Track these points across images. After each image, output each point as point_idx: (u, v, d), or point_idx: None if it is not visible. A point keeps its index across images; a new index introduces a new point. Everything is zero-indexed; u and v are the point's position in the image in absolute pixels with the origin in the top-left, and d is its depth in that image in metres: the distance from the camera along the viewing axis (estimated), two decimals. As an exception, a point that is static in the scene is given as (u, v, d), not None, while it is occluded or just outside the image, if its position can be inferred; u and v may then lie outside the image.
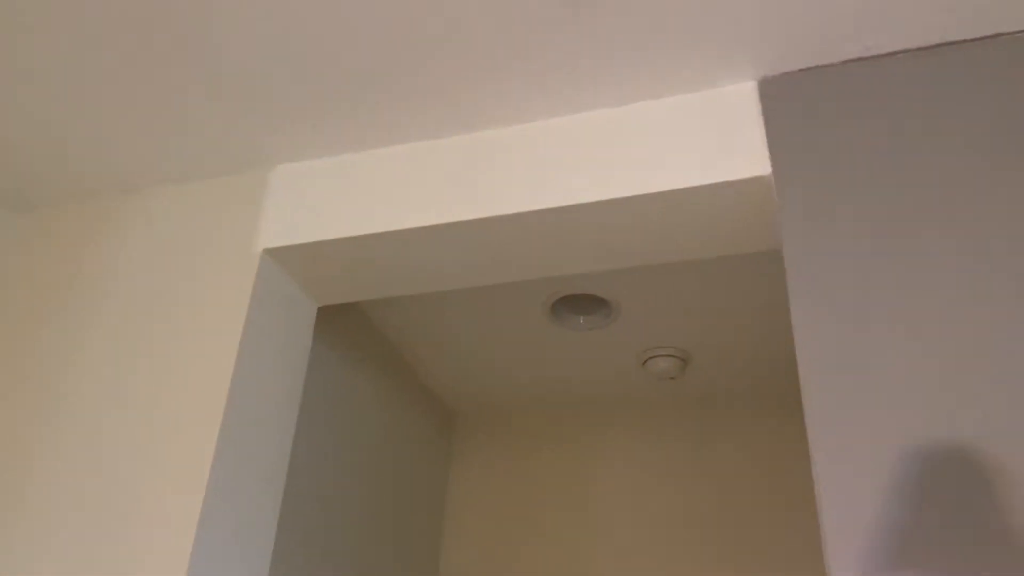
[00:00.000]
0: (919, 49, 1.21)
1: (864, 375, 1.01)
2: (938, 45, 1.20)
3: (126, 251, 1.53)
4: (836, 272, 1.09)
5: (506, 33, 1.22)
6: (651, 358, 2.24)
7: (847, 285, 1.08)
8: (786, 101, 1.24)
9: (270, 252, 1.44)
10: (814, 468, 1.06)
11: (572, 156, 1.34)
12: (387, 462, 2.20)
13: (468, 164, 1.40)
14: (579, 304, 2.06)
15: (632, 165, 1.29)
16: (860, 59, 1.23)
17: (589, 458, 2.52)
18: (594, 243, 1.39)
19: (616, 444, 2.51)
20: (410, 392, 2.42)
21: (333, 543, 1.87)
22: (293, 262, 1.47)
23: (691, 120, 1.29)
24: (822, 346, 1.05)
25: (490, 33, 1.22)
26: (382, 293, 1.59)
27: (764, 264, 1.87)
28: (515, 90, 1.33)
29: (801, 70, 1.26)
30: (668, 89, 1.31)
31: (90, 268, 1.53)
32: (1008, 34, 1.18)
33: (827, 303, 1.07)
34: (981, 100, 1.15)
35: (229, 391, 1.29)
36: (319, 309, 1.65)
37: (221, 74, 1.33)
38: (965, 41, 1.20)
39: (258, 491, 1.34)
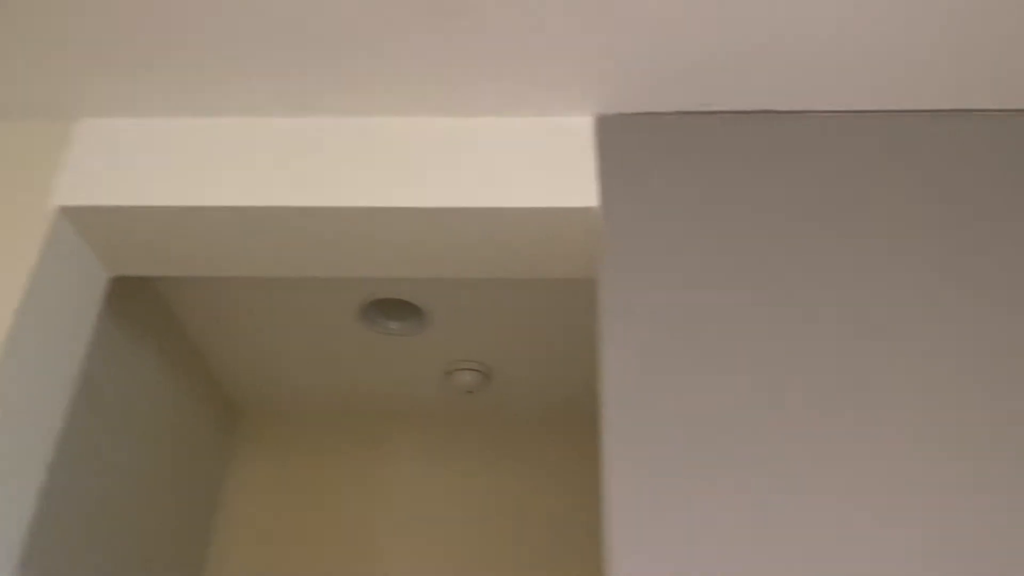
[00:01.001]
0: (747, 112, 1.30)
1: (663, 411, 1.06)
2: (764, 111, 1.30)
3: None
4: (647, 309, 1.14)
5: (357, 22, 1.19)
6: (455, 371, 2.25)
7: (657, 323, 1.13)
8: (620, 140, 1.29)
9: (66, 211, 1.31)
10: (606, 493, 1.10)
11: (404, 158, 1.32)
12: (162, 455, 2.05)
13: (294, 148, 1.34)
14: (392, 309, 2.04)
15: (463, 177, 1.29)
16: (693, 112, 1.31)
17: (379, 468, 2.47)
18: (412, 249, 1.38)
19: (408, 456, 2.49)
20: (195, 383, 2.27)
21: (92, 538, 1.72)
22: (90, 225, 1.35)
23: (529, 143, 1.32)
24: (624, 377, 1.10)
25: (340, 19, 1.19)
26: (183, 271, 1.49)
27: (575, 290, 1.93)
28: (358, 81, 1.29)
29: (636, 113, 1.32)
30: (511, 109, 1.33)
31: None
32: (817, 112, 1.30)
33: (634, 337, 1.12)
34: (798, 168, 1.25)
35: (2, 355, 1.15)
36: (110, 280, 1.52)
37: (29, 9, 1.19)
38: (786, 112, 1.30)
39: (17, 470, 1.21)
